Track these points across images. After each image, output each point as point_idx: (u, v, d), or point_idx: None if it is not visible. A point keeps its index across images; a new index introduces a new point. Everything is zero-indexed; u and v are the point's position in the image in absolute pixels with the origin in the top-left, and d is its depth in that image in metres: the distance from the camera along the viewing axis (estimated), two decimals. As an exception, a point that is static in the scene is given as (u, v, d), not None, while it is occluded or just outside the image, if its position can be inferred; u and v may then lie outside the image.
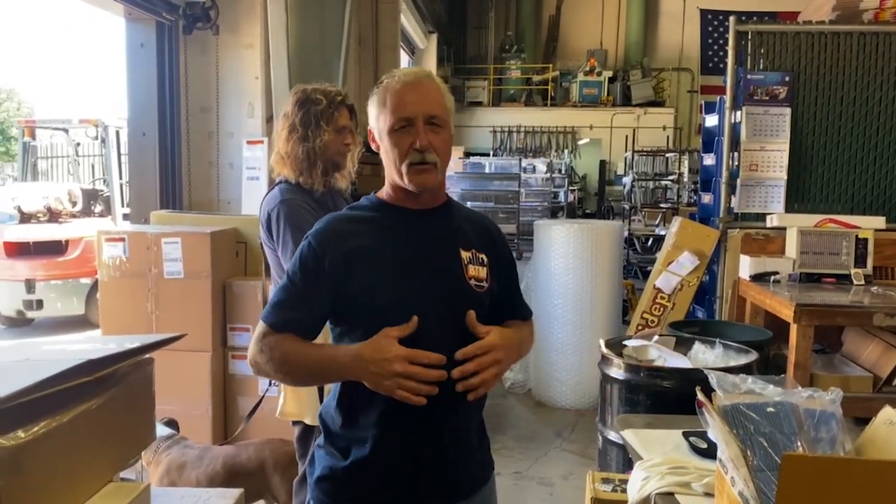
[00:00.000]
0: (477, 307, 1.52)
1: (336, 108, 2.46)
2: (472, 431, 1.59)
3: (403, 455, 1.48)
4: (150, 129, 4.47)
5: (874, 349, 3.79)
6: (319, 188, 2.46)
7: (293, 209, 2.37)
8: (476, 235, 1.60)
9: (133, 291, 3.54)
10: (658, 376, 2.44)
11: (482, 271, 1.55)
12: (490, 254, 1.59)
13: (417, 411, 1.43)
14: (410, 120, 1.46)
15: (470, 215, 1.65)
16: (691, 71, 16.08)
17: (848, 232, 4.08)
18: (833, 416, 1.35)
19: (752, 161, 4.46)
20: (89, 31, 16.44)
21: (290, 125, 2.45)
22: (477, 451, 1.60)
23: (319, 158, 2.43)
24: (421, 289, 1.48)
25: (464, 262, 1.53)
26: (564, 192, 14.11)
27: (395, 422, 1.47)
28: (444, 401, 1.46)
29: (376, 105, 1.50)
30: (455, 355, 1.43)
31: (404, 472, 1.49)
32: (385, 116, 1.48)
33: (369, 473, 1.49)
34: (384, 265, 1.48)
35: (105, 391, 1.18)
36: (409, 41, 11.09)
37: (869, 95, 4.43)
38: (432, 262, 1.51)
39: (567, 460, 4.04)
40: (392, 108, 1.47)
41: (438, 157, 1.48)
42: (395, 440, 1.48)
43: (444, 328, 1.48)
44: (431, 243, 1.53)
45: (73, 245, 7.26)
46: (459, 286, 1.52)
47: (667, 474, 1.50)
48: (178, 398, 3.44)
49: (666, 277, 4.77)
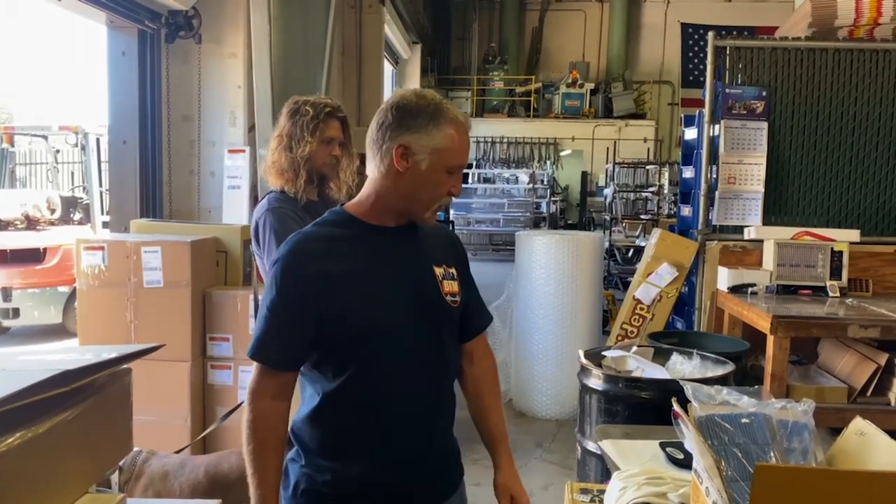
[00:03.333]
0: (452, 323, 1.55)
1: (323, 120, 2.49)
2: (448, 443, 1.63)
3: (384, 471, 1.50)
4: (130, 137, 4.44)
5: (849, 360, 3.84)
6: (305, 197, 2.50)
7: (279, 218, 2.42)
8: (443, 249, 1.60)
9: (112, 300, 3.50)
10: (636, 387, 2.46)
11: (455, 286, 1.57)
12: (457, 266, 1.60)
13: (398, 428, 1.47)
14: (462, 168, 1.48)
15: (435, 230, 1.63)
16: (672, 84, 16.28)
17: (823, 245, 4.15)
18: (805, 427, 1.38)
19: (730, 174, 4.52)
20: (70, 38, 16.35)
21: (279, 135, 2.53)
22: (452, 459, 1.64)
23: (303, 168, 2.47)
24: (403, 309, 1.48)
25: (439, 279, 1.53)
26: (547, 202, 14.20)
27: (376, 439, 1.48)
28: (423, 417, 1.49)
29: (437, 130, 1.42)
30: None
31: (385, 488, 1.50)
32: (447, 153, 1.43)
33: (348, 491, 1.49)
34: (365, 286, 1.46)
35: (81, 402, 1.17)
36: (393, 52, 11.13)
37: (844, 111, 4.51)
38: (412, 281, 1.51)
39: (547, 471, 4.05)
40: (460, 149, 1.46)
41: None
42: (376, 456, 1.49)
43: (422, 346, 1.49)
44: (409, 261, 1.53)
45: (52, 253, 7.17)
46: (438, 304, 1.53)
47: (643, 485, 1.52)
48: (156, 408, 3.41)
49: (645, 288, 4.81)
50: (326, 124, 2.50)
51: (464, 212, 14.04)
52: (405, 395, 1.49)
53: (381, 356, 1.46)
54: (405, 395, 1.49)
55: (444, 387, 1.57)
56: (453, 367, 1.62)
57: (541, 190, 14.17)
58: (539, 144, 15.98)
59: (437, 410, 1.56)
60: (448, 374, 1.59)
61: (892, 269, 4.30)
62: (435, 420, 1.55)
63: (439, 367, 1.54)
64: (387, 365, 1.46)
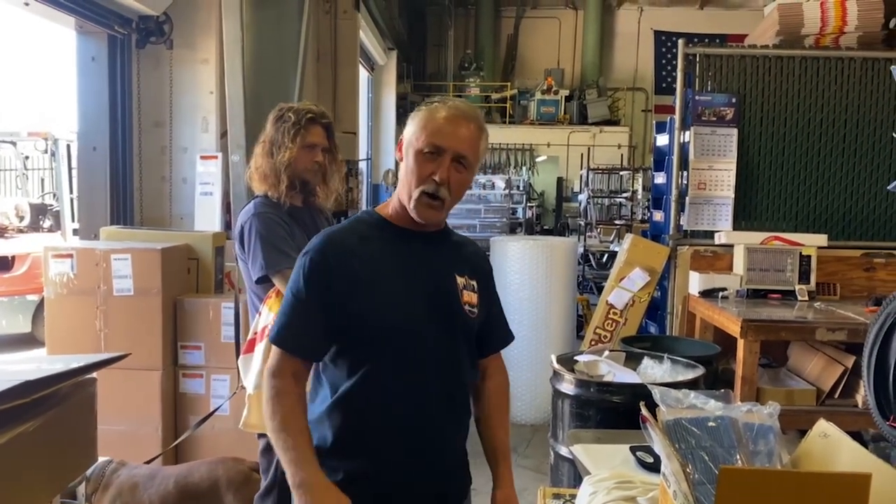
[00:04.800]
0: (468, 332, 1.57)
1: (305, 126, 2.50)
2: (459, 450, 1.63)
3: (394, 473, 1.50)
4: (101, 143, 4.39)
5: (817, 363, 3.90)
6: (288, 202, 2.51)
7: (265, 222, 2.43)
8: (468, 262, 1.64)
9: (81, 309, 3.45)
10: (607, 391, 2.47)
11: (474, 297, 1.59)
12: (480, 280, 1.63)
13: (410, 431, 1.49)
14: (441, 150, 1.46)
15: (463, 241, 1.69)
16: (646, 91, 16.44)
17: (792, 249, 4.21)
18: (771, 430, 1.39)
19: (701, 180, 4.57)
20: (39, 44, 16.02)
21: (263, 141, 2.55)
22: (462, 467, 1.66)
23: (284, 173, 2.48)
24: (422, 312, 1.51)
25: (459, 288, 1.56)
26: (523, 208, 14.25)
27: (389, 440, 1.49)
28: (435, 422, 1.50)
29: (417, 121, 1.49)
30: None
31: (395, 489, 1.50)
32: (420, 136, 1.47)
33: (360, 490, 1.49)
34: (389, 286, 1.49)
35: (43, 412, 1.16)
36: (368, 58, 11.11)
37: (811, 117, 4.59)
38: (433, 286, 1.54)
39: (522, 475, 4.06)
40: (430, 131, 1.47)
41: (451, 195, 1.50)
42: (388, 458, 1.50)
43: (440, 351, 1.51)
44: (433, 268, 1.56)
45: (20, 261, 7.05)
46: (456, 311, 1.55)
47: (613, 489, 1.53)
48: (127, 417, 3.36)
49: (618, 293, 4.85)
50: (308, 130, 2.50)
51: (440, 217, 14.06)
52: (418, 397, 1.51)
53: (397, 357, 1.49)
54: (418, 397, 1.51)
55: (457, 393, 1.59)
56: (468, 376, 1.64)
57: (517, 195, 14.21)
58: (515, 150, 16.04)
59: (450, 415, 1.58)
60: (462, 381, 1.61)
61: (858, 273, 4.38)
62: (446, 425, 1.57)
63: (454, 372, 1.56)
64: (402, 366, 1.48)
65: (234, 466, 2.65)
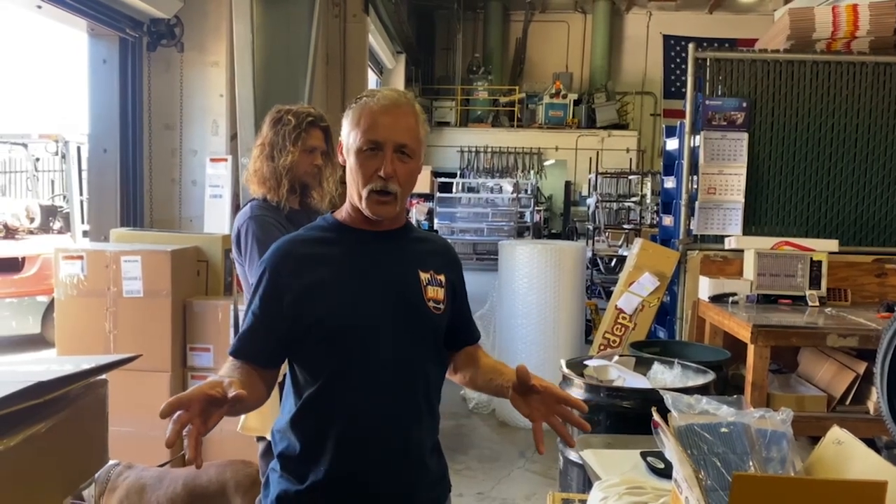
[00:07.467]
0: (434, 329, 1.54)
1: (305, 129, 2.49)
2: (428, 453, 1.59)
3: (360, 478, 1.48)
4: (111, 145, 4.41)
5: (828, 369, 3.88)
6: (287, 206, 2.50)
7: (262, 226, 2.41)
8: (434, 257, 1.61)
9: (91, 310, 3.47)
10: (617, 396, 2.46)
11: (440, 292, 1.56)
12: (447, 275, 1.60)
13: (375, 434, 1.44)
14: (380, 144, 1.44)
15: (427, 237, 1.66)
16: (654, 95, 16.42)
17: (803, 254, 4.19)
18: (784, 436, 1.38)
19: (711, 184, 4.56)
20: (51, 46, 16.17)
21: (261, 144, 2.53)
22: (434, 472, 1.60)
23: (285, 177, 2.47)
24: (380, 311, 1.48)
25: (423, 284, 1.54)
26: (531, 212, 14.24)
27: (353, 445, 1.46)
28: (401, 423, 1.47)
29: (350, 121, 1.48)
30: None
31: (361, 495, 1.48)
32: (356, 135, 1.46)
33: (324, 498, 1.47)
34: (345, 287, 1.47)
35: (55, 414, 1.16)
36: (377, 61, 11.13)
37: (822, 122, 4.57)
38: (392, 284, 1.51)
39: (530, 480, 4.04)
40: (364, 128, 1.45)
41: (401, 187, 1.47)
42: (353, 463, 1.47)
43: (401, 348, 1.49)
44: (391, 266, 1.53)
45: (30, 262, 7.08)
46: (418, 308, 1.52)
47: (624, 494, 1.52)
48: (136, 419, 3.36)
49: (627, 298, 4.83)
50: (308, 133, 2.50)
51: (448, 221, 14.06)
52: (382, 397, 1.48)
53: (358, 357, 1.47)
54: (382, 398, 1.48)
55: (422, 391, 1.55)
56: (435, 374, 1.60)
57: (524, 199, 14.21)
58: (523, 154, 16.04)
59: (415, 414, 1.54)
60: (428, 379, 1.57)
61: (870, 279, 4.36)
62: (412, 424, 1.53)
63: (418, 370, 1.53)
64: (363, 366, 1.46)
65: (242, 469, 2.65)
